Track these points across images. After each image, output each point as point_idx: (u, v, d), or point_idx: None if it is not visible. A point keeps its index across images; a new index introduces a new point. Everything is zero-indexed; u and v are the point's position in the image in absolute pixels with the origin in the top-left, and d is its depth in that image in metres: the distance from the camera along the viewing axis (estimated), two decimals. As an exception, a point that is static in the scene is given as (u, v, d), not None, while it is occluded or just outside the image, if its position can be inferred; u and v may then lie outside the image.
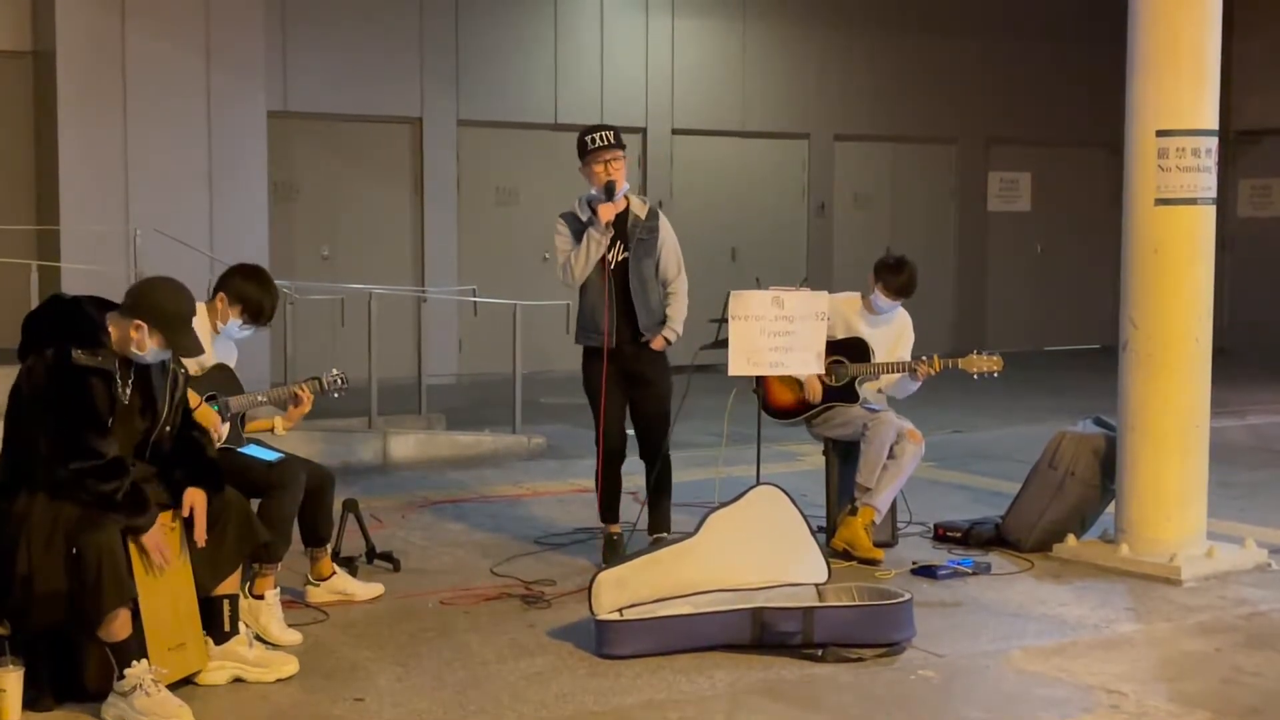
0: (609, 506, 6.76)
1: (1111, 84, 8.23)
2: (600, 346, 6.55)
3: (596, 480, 6.80)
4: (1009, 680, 5.20)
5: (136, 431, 4.87)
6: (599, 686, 5.06)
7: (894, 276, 7.03)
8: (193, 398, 5.47)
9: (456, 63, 14.26)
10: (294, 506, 5.78)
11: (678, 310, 6.69)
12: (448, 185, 14.35)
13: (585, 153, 6.61)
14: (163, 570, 4.80)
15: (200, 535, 4.90)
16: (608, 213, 6.51)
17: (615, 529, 6.75)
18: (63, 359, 4.70)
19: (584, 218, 6.60)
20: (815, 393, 6.95)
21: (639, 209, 6.67)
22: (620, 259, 6.57)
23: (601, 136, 6.62)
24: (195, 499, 4.90)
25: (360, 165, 13.98)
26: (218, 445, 5.58)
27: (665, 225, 6.73)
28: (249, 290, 5.84)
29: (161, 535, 4.78)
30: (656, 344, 6.62)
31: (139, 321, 4.79)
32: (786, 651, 5.36)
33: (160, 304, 4.84)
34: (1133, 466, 6.71)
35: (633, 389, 6.65)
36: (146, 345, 4.81)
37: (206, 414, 5.67)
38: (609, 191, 6.54)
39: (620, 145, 6.63)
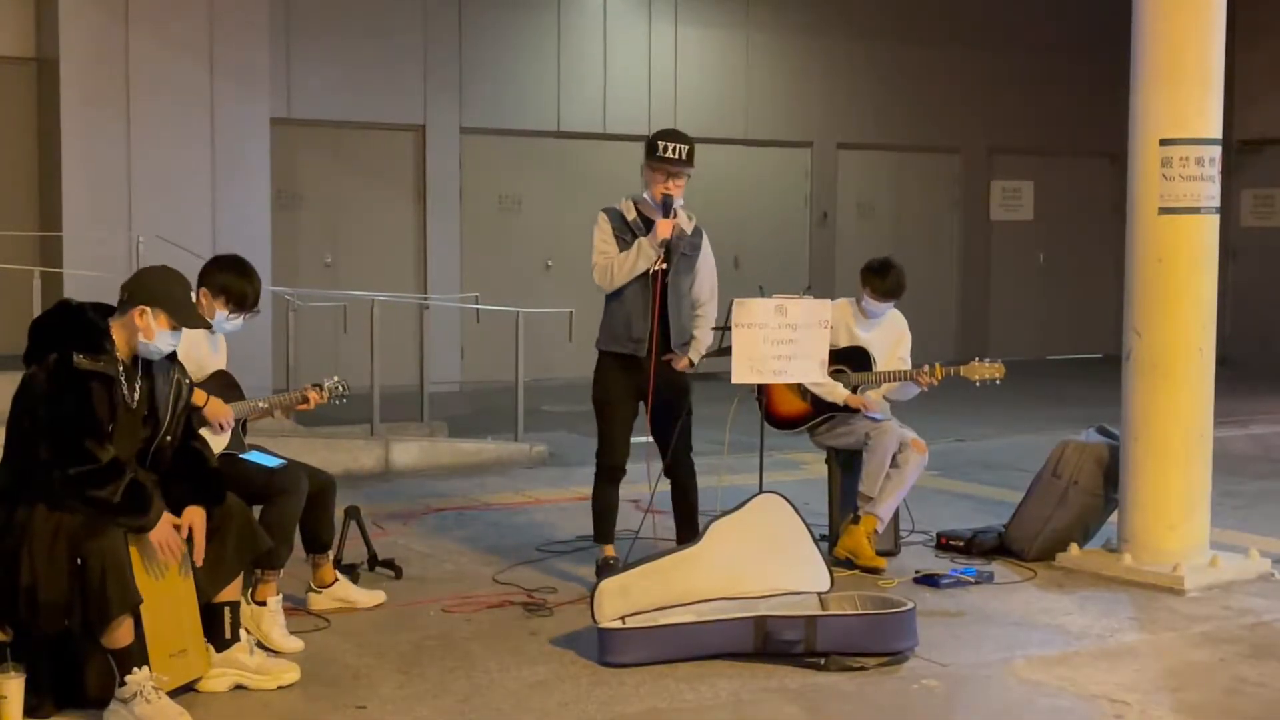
0: (603, 527, 6.56)
1: (1114, 93, 8.23)
2: (629, 354, 6.39)
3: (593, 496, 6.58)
4: (1012, 690, 5.19)
5: (138, 439, 4.87)
6: (601, 695, 5.05)
7: (880, 280, 7.05)
8: (198, 396, 5.47)
9: (460, 70, 14.27)
10: (296, 513, 5.77)
11: (703, 334, 6.51)
12: (450, 193, 14.35)
13: (652, 156, 6.36)
14: (168, 567, 4.78)
15: (199, 554, 4.88)
16: (666, 230, 6.28)
17: (610, 551, 6.52)
18: (64, 363, 4.70)
19: (629, 216, 6.43)
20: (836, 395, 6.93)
21: (685, 223, 6.49)
22: (658, 269, 6.36)
23: (675, 150, 6.33)
24: (194, 518, 4.87)
25: (363, 172, 13.98)
26: (220, 449, 5.59)
27: (707, 245, 6.58)
28: (229, 280, 5.78)
29: (168, 532, 4.76)
30: (681, 364, 6.43)
31: (141, 308, 4.81)
32: (789, 660, 5.36)
33: (155, 284, 4.89)
34: (1136, 476, 6.70)
35: (654, 404, 6.44)
36: (154, 331, 4.81)
37: (217, 405, 5.67)
38: (665, 208, 6.33)
39: (690, 164, 6.39)
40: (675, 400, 6.44)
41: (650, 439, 6.57)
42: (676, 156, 6.35)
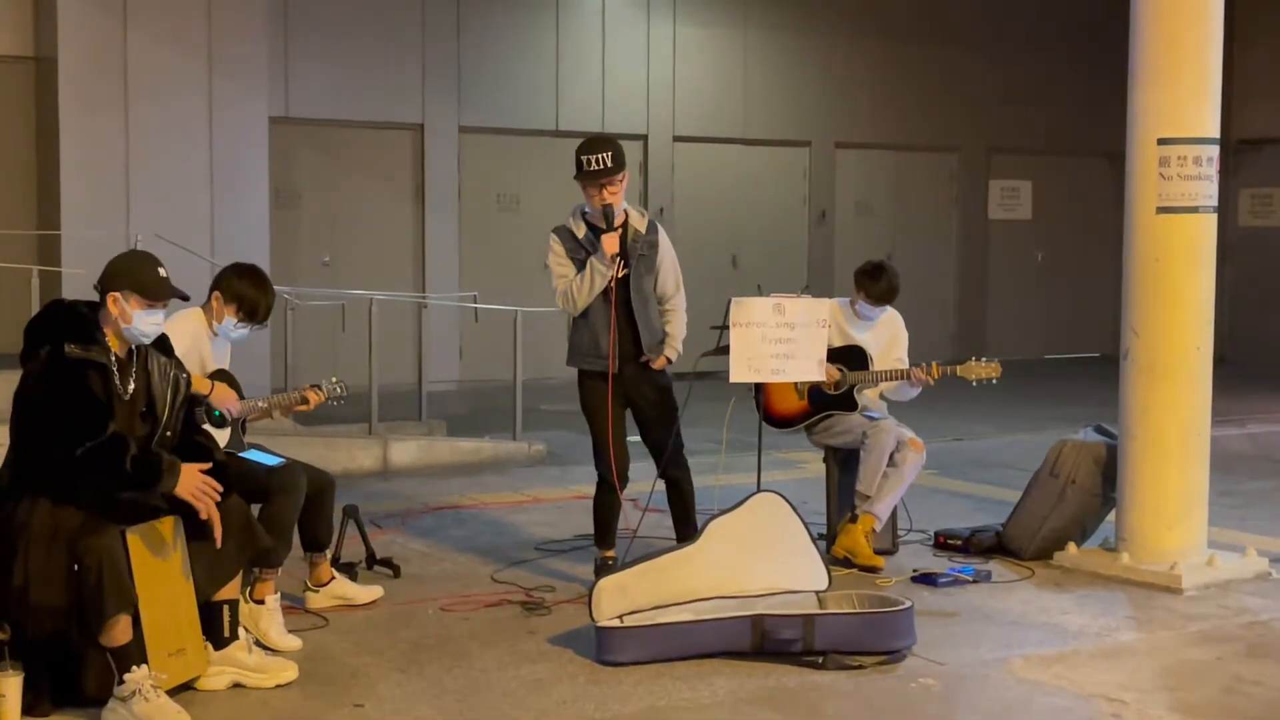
0: (604, 532, 6.55)
1: (1112, 92, 8.24)
2: (601, 370, 6.32)
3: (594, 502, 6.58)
4: (1010, 689, 5.20)
5: (137, 436, 4.86)
6: (599, 694, 5.06)
7: (873, 284, 7.04)
8: (202, 384, 5.47)
9: (458, 69, 14.28)
10: (295, 512, 5.77)
11: (677, 327, 6.44)
12: (449, 191, 14.35)
13: (580, 173, 6.26)
14: (215, 502, 4.78)
15: (216, 537, 4.87)
16: (612, 245, 6.19)
17: (610, 554, 6.53)
18: (57, 354, 4.71)
19: (579, 234, 6.34)
20: (831, 375, 6.90)
21: (638, 222, 6.38)
22: (620, 276, 6.29)
23: (599, 160, 6.17)
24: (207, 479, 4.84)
25: (362, 171, 13.99)
26: (220, 446, 5.58)
27: (664, 239, 6.46)
28: (245, 289, 5.82)
29: (196, 479, 4.75)
30: (659, 364, 6.38)
31: (113, 294, 4.83)
32: (787, 659, 5.36)
33: (120, 267, 4.92)
34: (1134, 475, 6.71)
35: (638, 411, 6.43)
36: (130, 314, 4.82)
37: (222, 390, 5.67)
38: (608, 219, 6.26)
39: (619, 168, 6.24)
40: (661, 404, 6.43)
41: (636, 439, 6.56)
42: (601, 167, 6.21)
